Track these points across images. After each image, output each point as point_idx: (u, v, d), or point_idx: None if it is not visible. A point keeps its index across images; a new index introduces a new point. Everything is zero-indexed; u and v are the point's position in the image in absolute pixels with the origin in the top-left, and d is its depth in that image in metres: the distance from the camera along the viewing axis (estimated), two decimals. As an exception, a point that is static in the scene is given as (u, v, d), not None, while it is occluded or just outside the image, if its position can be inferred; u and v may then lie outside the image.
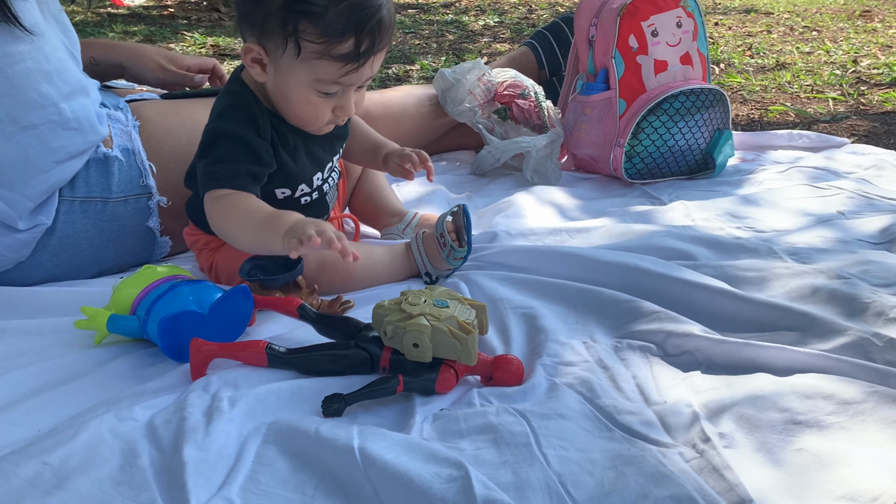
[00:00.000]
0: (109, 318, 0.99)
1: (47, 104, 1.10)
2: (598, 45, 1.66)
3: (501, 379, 0.90)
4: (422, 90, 1.84)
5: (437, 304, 0.91)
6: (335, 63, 1.00)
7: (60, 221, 1.19)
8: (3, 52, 1.03)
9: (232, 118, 1.07)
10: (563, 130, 1.72)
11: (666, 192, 1.59)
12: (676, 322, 0.96)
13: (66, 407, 0.88)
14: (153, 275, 1.03)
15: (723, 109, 1.68)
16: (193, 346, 0.92)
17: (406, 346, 0.88)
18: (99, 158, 1.21)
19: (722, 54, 3.23)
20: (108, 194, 1.22)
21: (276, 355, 0.92)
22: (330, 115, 1.08)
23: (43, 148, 1.10)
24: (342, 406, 0.84)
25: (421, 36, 4.04)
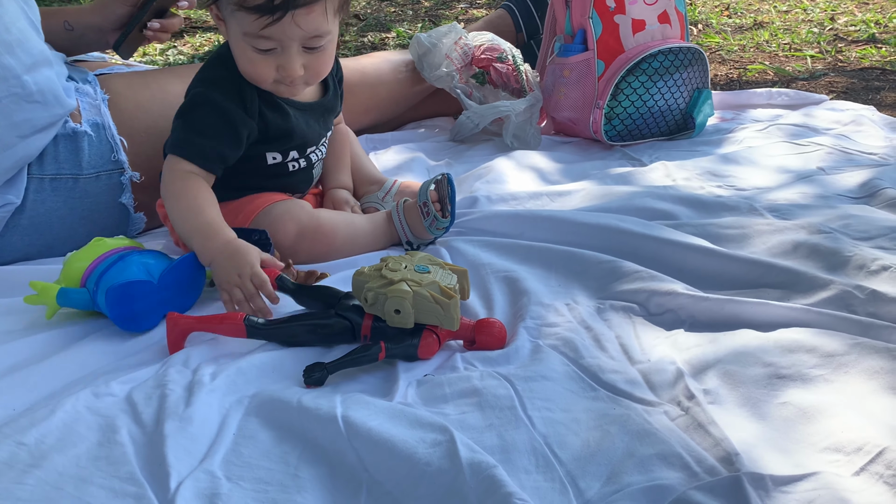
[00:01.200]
0: (59, 292, 0.97)
1: (9, 76, 1.07)
2: (575, 6, 1.63)
3: (484, 343, 0.90)
4: (398, 56, 1.81)
5: (418, 269, 0.90)
6: (251, 15, 0.99)
7: (30, 200, 1.16)
8: None
9: (220, 87, 1.06)
10: (541, 94, 1.70)
11: (646, 154, 1.58)
12: (659, 281, 0.96)
13: (42, 385, 0.86)
14: (103, 246, 1.01)
15: (702, 68, 1.66)
16: (170, 321, 0.91)
17: (388, 313, 0.87)
18: (68, 134, 1.18)
19: (700, 15, 3.21)
20: (79, 171, 1.19)
21: (255, 327, 0.90)
22: (274, 74, 1.05)
23: (6, 122, 1.07)
24: (324, 375, 0.83)
25: (396, 3, 3.98)
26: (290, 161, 1.16)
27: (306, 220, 1.12)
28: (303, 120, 1.15)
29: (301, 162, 1.18)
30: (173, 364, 0.87)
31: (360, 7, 3.90)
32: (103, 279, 0.96)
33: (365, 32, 3.26)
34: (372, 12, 3.70)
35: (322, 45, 1.05)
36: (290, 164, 1.17)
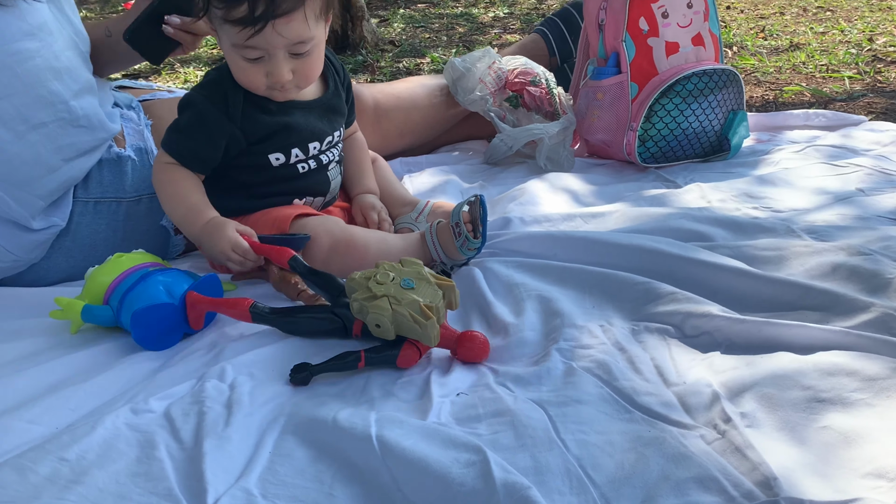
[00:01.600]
0: (84, 309, 1.01)
1: (57, 102, 1.11)
2: (609, 29, 1.64)
3: (465, 355, 0.93)
4: (432, 80, 1.83)
5: (404, 284, 0.94)
6: (235, 27, 1.04)
7: (75, 222, 1.20)
8: (12, 49, 1.03)
9: (206, 90, 1.14)
10: (575, 117, 1.70)
11: (681, 175, 1.57)
12: (694, 303, 0.95)
13: (83, 404, 0.88)
14: (124, 263, 1.06)
15: (737, 90, 1.65)
16: (190, 300, 0.99)
17: (370, 324, 0.92)
18: (112, 159, 1.22)
19: (734, 37, 3.19)
20: (122, 194, 1.23)
21: (260, 314, 0.98)
22: (265, 80, 1.11)
23: (53, 146, 1.11)
24: (308, 376, 0.89)
25: (431, 29, 4.03)
26: (297, 162, 1.19)
27: (339, 234, 1.15)
28: (301, 117, 1.17)
29: (310, 163, 1.20)
30: (209, 378, 0.89)
31: (396, 33, 3.95)
32: (127, 300, 1.00)
33: (400, 58, 3.30)
34: (407, 38, 3.76)
35: (308, 50, 1.09)
36: (299, 165, 1.19)
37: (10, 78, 1.05)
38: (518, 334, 0.96)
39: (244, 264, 1.07)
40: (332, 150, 1.24)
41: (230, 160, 1.17)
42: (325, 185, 1.24)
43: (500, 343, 0.96)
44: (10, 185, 1.10)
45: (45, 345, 1.03)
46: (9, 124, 1.07)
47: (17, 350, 1.01)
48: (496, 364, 0.92)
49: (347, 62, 3.22)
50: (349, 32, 3.42)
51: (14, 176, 1.09)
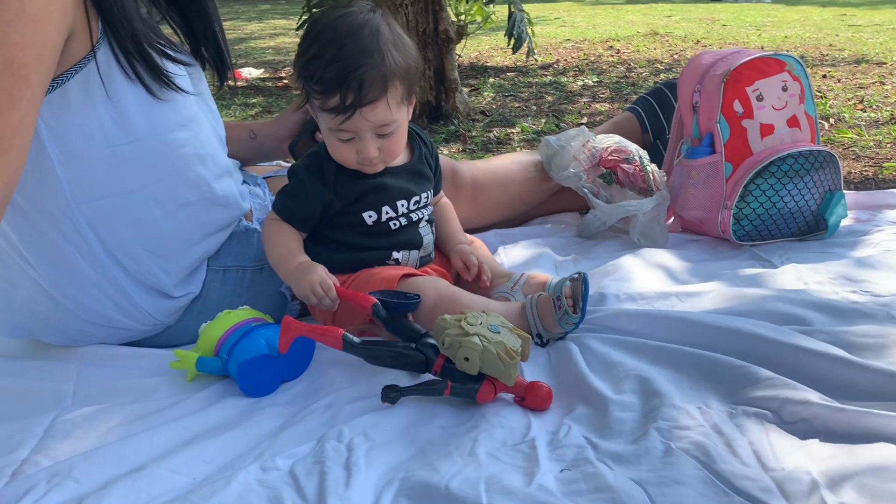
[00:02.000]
0: (198, 360, 1.16)
1: (202, 184, 1.24)
2: (703, 111, 1.69)
3: (532, 402, 1.04)
4: (527, 157, 1.92)
5: (491, 328, 1.06)
6: (330, 114, 1.21)
7: (206, 288, 1.32)
8: (168, 138, 1.18)
9: (307, 161, 1.31)
10: (669, 193, 1.75)
11: (776, 255, 1.59)
12: (792, 389, 0.97)
13: (216, 457, 0.97)
14: (231, 319, 1.20)
15: (834, 170, 1.67)
16: (284, 324, 1.08)
17: (458, 358, 1.03)
18: (241, 231, 1.35)
19: (831, 109, 3.17)
20: (248, 263, 1.35)
21: (350, 343, 1.07)
22: (355, 157, 1.26)
23: (196, 223, 1.24)
24: (398, 395, 1.03)
25: (520, 98, 4.16)
26: (389, 219, 1.32)
27: (445, 292, 1.26)
28: (389, 179, 1.31)
29: (401, 220, 1.33)
30: (329, 440, 0.97)
31: (486, 102, 4.09)
32: (234, 351, 1.14)
33: (490, 128, 3.42)
34: (497, 108, 3.89)
35: (391, 131, 1.25)
36: (391, 222, 1.32)
37: (165, 163, 1.19)
38: (617, 412, 1.00)
39: (324, 300, 1.20)
40: (422, 210, 1.36)
41: (330, 219, 1.31)
42: (417, 239, 1.36)
43: (600, 419, 1.00)
44: (159, 257, 1.23)
45: (181, 398, 1.13)
46: (161, 203, 1.20)
47: (155, 405, 1.12)
48: (596, 438, 0.96)
49: (440, 132, 3.36)
50: (442, 103, 3.57)
51: (163, 249, 1.23)
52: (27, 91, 0.95)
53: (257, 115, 4.02)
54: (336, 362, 1.18)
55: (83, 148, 1.10)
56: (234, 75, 5.47)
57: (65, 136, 1.09)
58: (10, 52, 0.92)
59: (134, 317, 1.26)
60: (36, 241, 1.16)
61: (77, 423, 1.05)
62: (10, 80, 0.92)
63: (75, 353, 1.28)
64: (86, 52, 1.06)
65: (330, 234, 1.33)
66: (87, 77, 1.07)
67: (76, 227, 1.16)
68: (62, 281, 1.20)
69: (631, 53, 5.85)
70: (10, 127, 0.92)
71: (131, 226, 1.19)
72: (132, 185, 1.17)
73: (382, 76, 1.19)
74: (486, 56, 5.99)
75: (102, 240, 1.18)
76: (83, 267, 1.19)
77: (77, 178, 1.12)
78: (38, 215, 1.14)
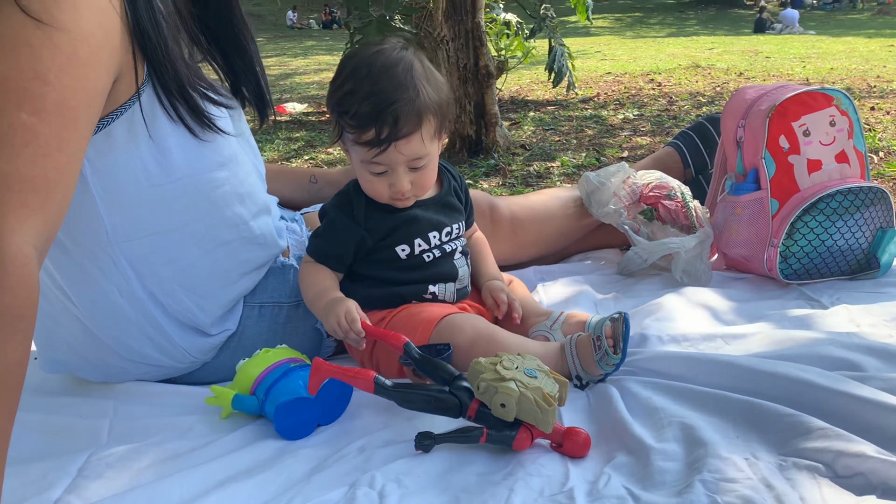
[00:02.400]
0: (234, 398, 1.15)
1: (240, 223, 1.25)
2: (747, 146, 1.66)
3: (570, 449, 1.01)
4: (566, 193, 1.90)
5: (527, 372, 1.03)
6: (364, 147, 1.22)
7: (242, 325, 1.32)
8: (207, 178, 1.19)
9: (336, 200, 1.32)
10: (712, 230, 1.71)
11: (826, 294, 1.53)
12: (846, 441, 0.92)
13: (248, 500, 0.96)
14: (270, 358, 1.19)
15: (885, 207, 1.61)
16: (314, 365, 1.06)
17: (494, 404, 1.00)
18: (278, 267, 1.35)
19: (881, 142, 3.09)
20: (284, 299, 1.35)
21: (382, 386, 1.05)
22: (388, 191, 1.26)
23: (234, 261, 1.24)
24: (432, 443, 1.00)
25: (560, 132, 4.14)
26: (422, 252, 1.31)
27: (483, 330, 1.25)
28: (419, 212, 1.31)
29: (435, 252, 1.32)
30: (360, 486, 0.95)
31: (526, 136, 4.09)
32: (271, 393, 1.13)
33: (531, 162, 3.41)
34: (537, 142, 3.88)
35: (424, 164, 1.26)
36: (424, 255, 1.31)
37: (205, 203, 1.20)
38: (659, 461, 0.96)
39: (349, 334, 1.19)
40: (454, 241, 1.36)
41: (364, 256, 1.31)
42: (453, 271, 1.35)
43: (642, 468, 0.96)
44: (197, 295, 1.24)
45: (214, 438, 1.13)
46: (200, 242, 1.21)
47: (189, 444, 1.11)
48: (637, 489, 0.92)
49: (480, 166, 3.36)
50: (483, 137, 3.58)
51: (201, 287, 1.24)
52: (75, 133, 0.96)
53: (300, 150, 4.08)
54: (369, 404, 1.16)
55: (126, 187, 1.12)
56: (274, 111, 5.62)
57: (108, 176, 1.11)
58: (60, 96, 0.94)
59: (171, 355, 1.26)
60: (78, 278, 1.18)
61: (111, 462, 1.05)
62: (60, 123, 0.94)
63: (113, 389, 1.29)
64: (131, 94, 1.08)
65: (365, 272, 1.32)
66: (131, 118, 1.09)
67: (117, 265, 1.17)
68: (102, 319, 1.21)
69: (672, 86, 5.81)
70: (57, 169, 0.93)
71: (170, 264, 1.20)
72: (172, 224, 1.18)
73: (417, 110, 1.20)
74: (527, 90, 6.01)
75: (142, 278, 1.19)
76: (122, 305, 1.20)
77: (119, 218, 1.14)
78: (80, 253, 1.16)
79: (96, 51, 0.98)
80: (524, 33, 4.98)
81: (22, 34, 0.92)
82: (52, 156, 0.93)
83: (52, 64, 0.93)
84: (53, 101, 0.93)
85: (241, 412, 1.17)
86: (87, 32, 0.96)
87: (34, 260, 0.88)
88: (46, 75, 0.93)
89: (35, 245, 0.89)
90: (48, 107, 0.93)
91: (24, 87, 0.91)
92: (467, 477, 0.97)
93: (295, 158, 3.86)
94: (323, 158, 3.79)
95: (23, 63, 0.91)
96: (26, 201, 0.89)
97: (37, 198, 0.90)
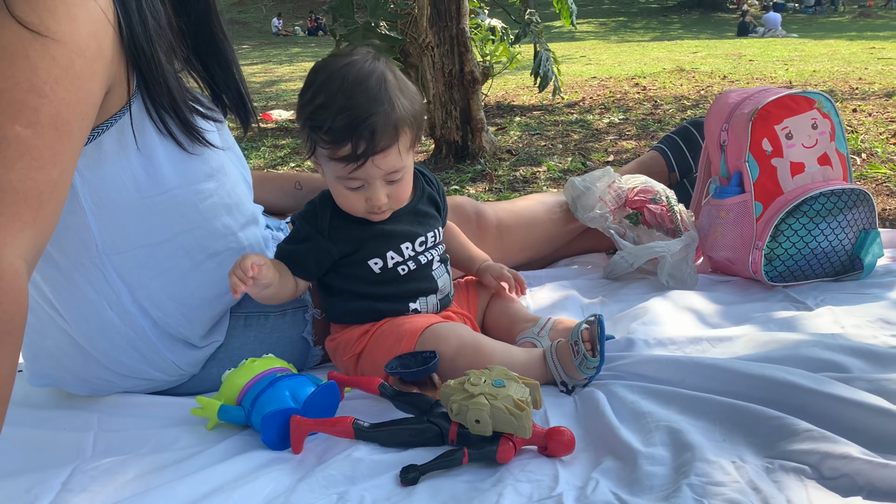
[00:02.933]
0: (220, 408, 1.14)
1: (228, 234, 1.24)
2: (731, 150, 1.67)
3: (555, 449, 1.01)
4: (551, 198, 1.90)
5: (496, 383, 1.03)
6: (340, 163, 1.20)
7: (228, 335, 1.31)
8: (196, 189, 1.18)
9: (303, 210, 1.32)
10: (697, 234, 1.71)
11: (811, 296, 1.54)
12: (832, 442, 0.92)
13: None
14: (255, 368, 1.18)
15: (868, 209, 1.62)
16: (293, 423, 1.06)
17: (469, 422, 1.01)
18: (262, 276, 1.34)
19: (863, 144, 3.11)
20: (269, 308, 1.34)
21: (362, 430, 1.06)
22: (364, 205, 1.25)
23: (223, 273, 1.24)
24: (417, 475, 0.97)
25: (546, 137, 4.15)
26: (396, 265, 1.29)
27: (468, 339, 1.24)
28: (388, 224, 1.29)
29: (409, 264, 1.30)
30: (349, 501, 0.94)
31: (512, 141, 4.10)
32: (257, 403, 1.12)
33: (517, 167, 3.42)
34: (523, 147, 3.89)
35: (400, 177, 1.25)
36: (399, 268, 1.29)
37: (194, 214, 1.19)
38: (647, 465, 0.96)
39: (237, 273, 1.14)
40: (430, 251, 1.34)
41: (338, 269, 1.30)
42: (432, 284, 1.33)
43: (629, 473, 0.96)
44: (187, 307, 1.23)
45: (197, 450, 1.12)
46: (190, 254, 1.21)
47: (174, 455, 1.10)
48: (625, 494, 0.92)
49: (467, 171, 3.36)
50: (469, 143, 3.58)
51: (191, 299, 1.23)
52: (69, 146, 0.95)
53: (286, 157, 4.07)
54: (356, 412, 1.16)
55: (116, 199, 1.11)
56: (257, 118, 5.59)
57: (98, 188, 1.10)
58: (55, 109, 0.93)
59: (160, 368, 1.25)
60: (67, 291, 1.17)
61: (95, 475, 1.04)
62: (54, 136, 0.93)
63: (97, 402, 1.28)
64: (121, 106, 1.07)
65: (341, 285, 1.31)
66: (121, 130, 1.08)
67: (106, 278, 1.16)
68: (91, 332, 1.20)
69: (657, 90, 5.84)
70: (50, 182, 0.92)
71: (160, 276, 1.19)
72: (161, 235, 1.17)
73: (393, 124, 1.18)
74: (513, 95, 6.02)
75: (132, 291, 1.18)
76: (112, 318, 1.19)
77: (108, 229, 1.13)
78: (69, 266, 1.15)
79: (91, 63, 0.97)
80: (509, 39, 5.00)
81: (19, 45, 0.91)
82: (45, 169, 0.92)
83: (48, 76, 0.92)
84: (48, 114, 0.92)
85: (227, 423, 1.16)
86: (82, 44, 0.95)
87: (24, 274, 0.87)
88: (42, 88, 0.92)
89: (26, 258, 0.88)
90: (43, 120, 0.92)
91: (19, 100, 0.90)
92: (456, 484, 0.97)
93: (281, 165, 3.85)
94: (309, 165, 3.78)
95: (18, 74, 0.90)
96: (19, 214, 0.88)
97: (29, 211, 0.89)
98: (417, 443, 1.06)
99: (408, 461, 1.01)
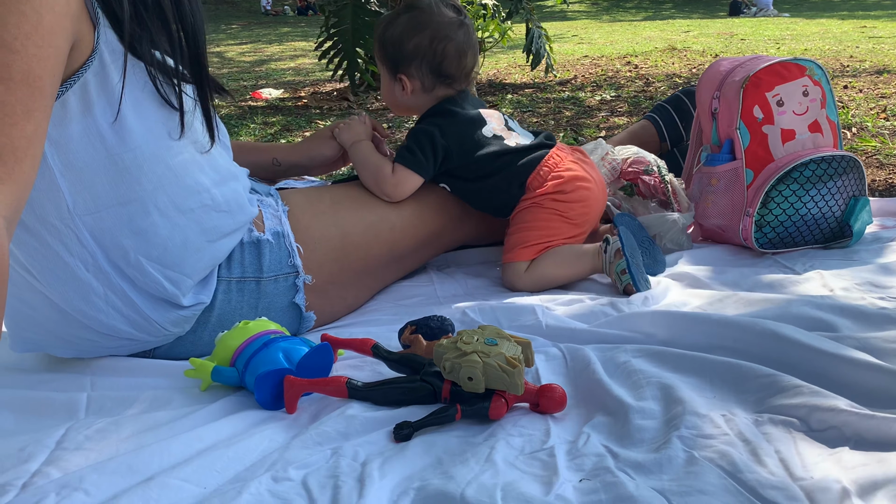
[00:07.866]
0: (213, 370, 1.14)
1: (201, 190, 1.23)
2: (722, 117, 1.67)
3: (547, 405, 1.02)
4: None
5: (488, 342, 1.05)
6: None
7: (219, 300, 1.31)
8: (165, 145, 1.17)
9: None
10: (688, 201, 1.72)
11: (799, 262, 1.55)
12: (820, 396, 0.94)
13: (228, 467, 0.95)
14: (249, 330, 1.19)
15: (857, 176, 1.63)
16: (287, 383, 1.07)
17: (462, 380, 1.02)
18: (252, 242, 1.33)
19: (853, 118, 3.13)
20: (261, 274, 1.34)
21: (355, 389, 1.07)
22: None
23: (198, 229, 1.23)
24: (411, 432, 0.98)
25: (539, 114, 4.15)
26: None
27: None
28: None
29: None
30: (344, 456, 0.94)
31: (505, 117, 4.09)
32: (251, 364, 1.12)
33: (509, 142, 3.41)
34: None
35: None
36: None
37: (165, 170, 1.18)
38: (638, 419, 0.97)
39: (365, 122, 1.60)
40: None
41: None
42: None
43: (620, 427, 0.97)
44: (164, 266, 1.22)
45: (191, 410, 1.12)
46: (163, 211, 1.20)
47: (168, 415, 1.11)
48: (616, 447, 0.93)
49: (459, 146, 3.35)
50: (461, 118, 3.57)
51: (167, 258, 1.22)
52: (41, 102, 0.95)
53: (276, 134, 4.05)
54: (352, 368, 1.17)
55: (84, 158, 1.10)
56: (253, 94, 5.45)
57: (65, 147, 1.09)
58: (27, 64, 0.93)
59: (143, 328, 1.25)
60: (40, 255, 1.16)
61: (89, 434, 1.04)
62: (27, 92, 0.93)
63: (90, 365, 1.28)
64: (83, 62, 1.06)
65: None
66: (84, 87, 1.07)
67: (80, 239, 1.15)
68: (69, 294, 1.19)
69: (649, 68, 5.83)
70: (25, 137, 0.92)
71: (134, 236, 1.18)
72: (132, 194, 1.16)
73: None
74: (505, 73, 6.00)
75: (106, 252, 1.18)
76: (89, 280, 1.18)
77: (79, 190, 1.12)
78: (41, 229, 1.14)
79: (60, 18, 0.97)
80: (501, 16, 4.97)
81: None
82: (18, 125, 0.91)
83: (19, 32, 0.92)
84: (20, 70, 0.92)
85: (220, 384, 1.17)
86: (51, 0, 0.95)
87: (4, 230, 0.87)
88: (13, 43, 0.91)
89: (5, 215, 0.88)
90: (14, 75, 0.91)
91: None
92: (449, 440, 0.98)
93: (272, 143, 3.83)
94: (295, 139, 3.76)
95: None
96: None
97: (5, 167, 0.89)
98: (411, 401, 1.07)
99: (401, 418, 1.02)
